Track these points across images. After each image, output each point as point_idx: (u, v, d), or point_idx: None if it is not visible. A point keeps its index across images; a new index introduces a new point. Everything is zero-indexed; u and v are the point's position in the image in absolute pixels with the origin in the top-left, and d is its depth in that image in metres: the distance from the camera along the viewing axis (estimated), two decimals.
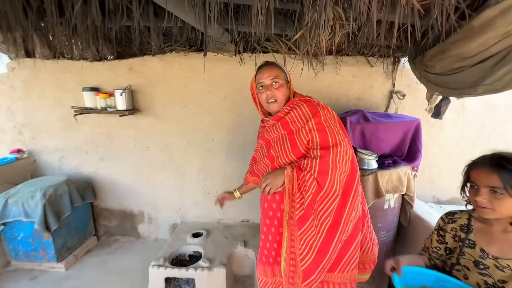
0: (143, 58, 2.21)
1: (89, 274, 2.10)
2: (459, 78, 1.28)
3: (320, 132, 1.13)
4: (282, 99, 1.23)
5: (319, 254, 1.10)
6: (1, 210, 1.94)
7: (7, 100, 2.38)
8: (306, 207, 1.10)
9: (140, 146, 2.41)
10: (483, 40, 1.06)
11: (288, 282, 1.18)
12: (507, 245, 0.81)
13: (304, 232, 1.10)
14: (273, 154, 1.25)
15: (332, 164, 1.08)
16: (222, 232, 2.33)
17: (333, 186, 1.09)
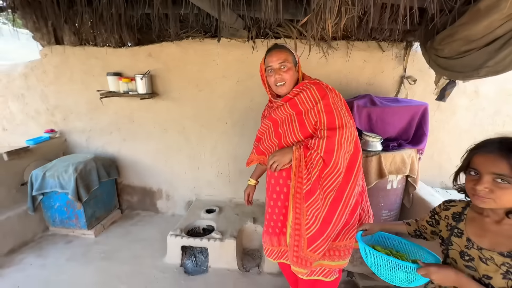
0: (161, 44, 2.34)
1: (115, 241, 2.35)
2: (466, 62, 1.30)
3: (328, 114, 1.20)
4: (290, 82, 1.28)
5: (323, 224, 1.20)
6: (40, 182, 2.21)
7: (41, 84, 2.61)
8: (313, 183, 1.19)
9: (159, 128, 2.59)
10: (489, 22, 1.08)
11: (293, 250, 1.29)
12: (499, 238, 0.74)
13: (310, 204, 1.20)
14: (281, 133, 1.31)
15: (337, 144, 1.16)
16: (233, 209, 2.49)
17: (337, 164, 1.17)
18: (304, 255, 1.26)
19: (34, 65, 2.57)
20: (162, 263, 2.06)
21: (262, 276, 1.97)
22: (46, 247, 2.24)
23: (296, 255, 1.28)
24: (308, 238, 1.22)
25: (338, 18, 1.16)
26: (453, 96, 2.13)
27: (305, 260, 1.27)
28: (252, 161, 1.53)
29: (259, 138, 1.47)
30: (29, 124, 2.77)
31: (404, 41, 2.03)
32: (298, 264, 1.29)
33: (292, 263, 1.32)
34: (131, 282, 1.88)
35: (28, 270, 1.97)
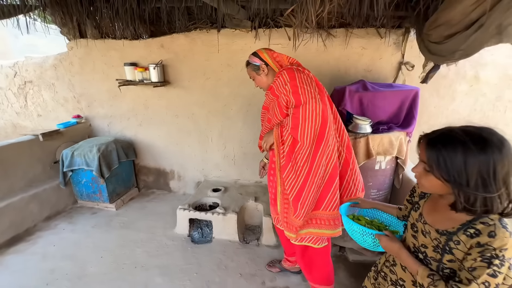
0: (171, 36, 2.53)
1: (133, 214, 2.66)
2: (449, 46, 1.36)
3: (294, 93, 1.34)
4: (262, 82, 1.54)
5: (299, 193, 1.35)
6: (69, 160, 2.53)
7: (68, 74, 2.93)
8: (286, 156, 1.37)
9: (170, 114, 2.82)
10: (462, 8, 1.14)
11: (284, 216, 1.48)
12: (441, 217, 0.80)
13: (286, 176, 1.38)
14: (270, 118, 1.53)
15: (301, 119, 1.30)
16: (238, 189, 2.70)
17: (304, 137, 1.31)
18: (291, 220, 1.44)
19: (62, 57, 2.88)
20: (172, 233, 2.33)
21: (260, 248, 2.17)
22: (76, 216, 2.60)
23: (286, 220, 1.48)
24: (292, 201, 1.39)
25: (321, 8, 1.27)
26: (452, 82, 2.16)
27: (291, 225, 1.45)
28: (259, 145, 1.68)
29: (261, 124, 1.69)
30: (58, 110, 3.12)
31: (402, 27, 2.06)
32: (287, 229, 1.48)
33: (283, 228, 1.52)
34: (145, 246, 2.16)
35: (62, 234, 2.32)
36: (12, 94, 3.18)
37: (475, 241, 0.69)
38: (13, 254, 2.07)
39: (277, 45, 2.31)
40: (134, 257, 2.04)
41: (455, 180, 0.69)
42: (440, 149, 0.70)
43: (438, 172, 0.71)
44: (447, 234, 0.75)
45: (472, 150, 0.66)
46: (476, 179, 0.67)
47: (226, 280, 1.83)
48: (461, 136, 0.68)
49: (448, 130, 0.73)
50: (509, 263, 0.67)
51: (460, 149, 0.68)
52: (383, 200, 1.91)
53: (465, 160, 0.67)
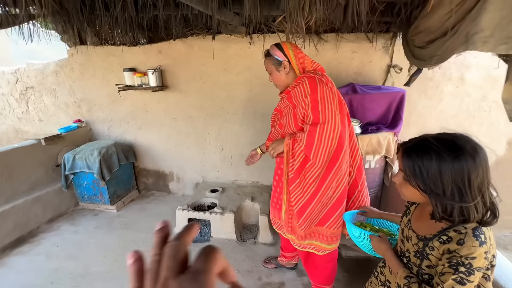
0: (169, 42, 2.62)
1: (133, 215, 2.73)
2: (429, 51, 1.45)
3: (313, 109, 1.26)
4: (279, 82, 1.42)
5: (303, 208, 1.38)
6: (71, 163, 2.61)
7: (69, 80, 3.01)
8: (295, 171, 1.36)
9: (169, 118, 2.90)
10: (439, 16, 1.24)
11: (288, 221, 1.50)
12: (423, 224, 0.81)
13: (293, 189, 1.39)
14: (282, 123, 1.46)
15: (317, 139, 1.24)
16: (235, 190, 2.78)
17: (317, 157, 1.27)
18: (294, 226, 1.49)
19: (63, 63, 2.96)
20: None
21: (256, 246, 2.25)
22: (78, 218, 2.67)
23: (290, 225, 1.51)
24: (296, 213, 1.43)
25: (309, 17, 1.35)
26: (439, 83, 2.25)
27: (295, 231, 1.49)
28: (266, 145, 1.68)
29: (272, 125, 1.63)
30: (60, 115, 3.20)
31: (390, 32, 2.15)
32: (290, 232, 1.53)
33: (286, 231, 1.55)
34: (145, 245, 2.23)
35: (64, 235, 2.39)
36: (14, 100, 3.25)
37: (446, 247, 0.70)
38: (17, 255, 2.14)
39: None
40: None
41: (431, 189, 0.69)
42: (415, 159, 0.70)
43: (415, 181, 0.71)
44: (424, 240, 0.77)
45: (446, 159, 0.66)
46: (452, 188, 0.66)
47: None
48: (435, 145, 0.68)
49: (423, 139, 0.72)
50: (480, 272, 0.67)
51: (434, 158, 0.67)
52: (374, 198, 2.00)
53: (440, 169, 0.66)
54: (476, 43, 0.96)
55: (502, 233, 2.43)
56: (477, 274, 0.66)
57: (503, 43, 0.92)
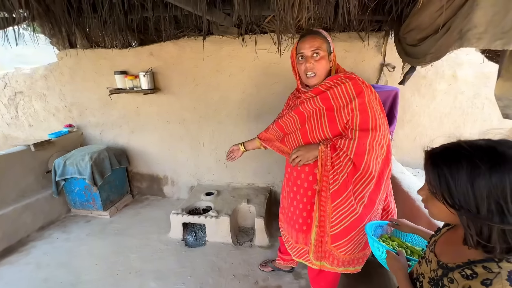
0: (160, 44, 2.58)
1: (127, 220, 2.68)
2: (422, 49, 1.44)
3: (362, 113, 1.12)
4: (322, 72, 1.19)
5: (350, 227, 1.19)
6: (62, 169, 2.55)
7: (59, 84, 2.95)
8: (341, 184, 1.15)
9: (162, 120, 2.86)
10: (429, 13, 1.22)
11: (317, 244, 1.29)
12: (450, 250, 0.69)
13: (337, 205, 1.17)
14: (307, 128, 1.25)
15: (369, 147, 1.10)
16: (231, 192, 2.74)
17: (368, 168, 1.12)
18: (327, 249, 1.28)
19: (52, 67, 2.90)
20: (166, 238, 2.35)
21: (253, 249, 2.22)
22: (69, 225, 2.60)
23: (320, 249, 1.29)
24: (332, 235, 1.23)
25: (299, 16, 1.33)
26: (432, 81, 2.25)
27: (329, 254, 1.28)
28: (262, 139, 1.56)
29: (280, 126, 1.40)
30: (50, 120, 3.13)
31: (382, 30, 2.14)
32: (319, 258, 1.30)
33: (314, 257, 1.32)
34: (139, 252, 2.18)
35: (55, 243, 2.33)
36: (3, 105, 3.18)
37: (467, 284, 0.57)
38: (6, 265, 2.07)
39: (264, 50, 2.38)
40: (128, 263, 2.06)
41: (461, 205, 0.56)
42: (442, 167, 0.58)
43: (441, 195, 0.59)
44: (444, 268, 0.64)
45: (481, 168, 0.53)
46: (489, 205, 0.53)
47: (220, 282, 1.86)
48: (467, 151, 0.56)
49: (456, 144, 0.60)
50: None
51: (465, 166, 0.55)
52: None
53: (472, 180, 0.54)
54: (470, 39, 0.95)
55: None
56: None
57: (498, 39, 0.91)
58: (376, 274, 1.87)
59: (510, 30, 0.86)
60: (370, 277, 1.85)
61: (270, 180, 2.83)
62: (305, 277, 1.87)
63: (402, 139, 2.46)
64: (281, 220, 1.63)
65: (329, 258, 1.29)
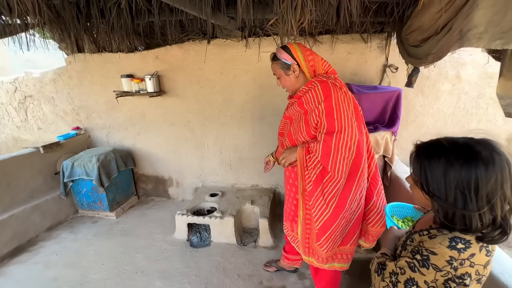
0: (166, 48, 2.63)
1: (133, 221, 2.72)
2: (424, 50, 1.45)
3: (328, 116, 1.18)
4: (289, 84, 1.34)
5: (325, 226, 1.26)
6: (69, 170, 2.60)
7: (67, 87, 3.02)
8: (313, 182, 1.25)
9: (167, 123, 2.90)
10: (430, 14, 1.24)
11: (305, 241, 1.39)
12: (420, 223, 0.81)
13: (312, 204, 1.27)
14: (292, 131, 1.37)
15: (334, 149, 1.15)
16: (235, 193, 2.76)
17: (335, 169, 1.17)
18: (314, 247, 1.36)
19: (61, 71, 2.98)
20: (171, 238, 2.38)
21: (257, 249, 2.23)
22: (77, 225, 2.65)
23: (307, 246, 1.40)
24: (316, 233, 1.31)
25: (302, 19, 1.36)
26: (435, 82, 2.25)
27: (313, 251, 1.38)
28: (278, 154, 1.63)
29: (280, 133, 1.53)
30: (58, 123, 3.21)
31: (384, 32, 2.16)
32: (308, 254, 1.41)
33: (303, 253, 1.43)
34: (145, 252, 2.21)
35: (63, 243, 2.38)
36: (13, 109, 3.27)
37: (420, 239, 0.71)
38: (16, 264, 2.12)
39: (267, 52, 2.40)
40: (134, 263, 2.09)
41: (434, 193, 0.67)
42: (423, 159, 0.68)
43: (419, 184, 0.70)
44: (409, 233, 0.79)
45: (453, 163, 0.63)
46: (456, 195, 0.63)
47: (224, 281, 1.88)
48: (446, 148, 0.65)
49: (436, 140, 0.70)
50: (437, 273, 0.64)
51: (442, 161, 0.64)
52: None
53: (445, 172, 0.64)
54: (471, 39, 0.96)
55: None
56: (431, 271, 0.64)
57: (497, 38, 0.92)
58: None
59: (510, 29, 0.87)
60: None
61: (274, 181, 2.85)
62: (309, 277, 1.88)
63: (407, 140, 2.45)
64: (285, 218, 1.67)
65: (315, 255, 1.39)
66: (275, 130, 1.92)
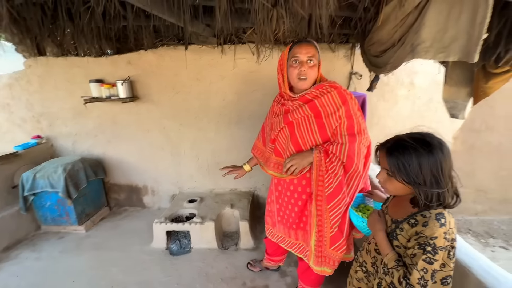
0: (139, 53, 2.57)
1: (105, 234, 2.56)
2: (383, 60, 1.65)
3: (349, 119, 1.25)
4: (312, 78, 1.28)
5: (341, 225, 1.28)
6: (31, 183, 2.38)
7: (25, 93, 2.78)
8: (335, 186, 1.23)
9: (141, 129, 2.81)
10: (387, 30, 1.42)
11: (318, 250, 1.35)
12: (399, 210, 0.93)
13: (333, 206, 1.25)
14: (297, 135, 1.32)
15: (357, 149, 1.23)
16: (214, 198, 2.76)
17: (358, 167, 1.24)
18: (327, 253, 1.35)
19: (18, 75, 2.73)
20: (149, 248, 2.30)
21: (238, 252, 2.25)
22: (39, 243, 2.42)
23: (320, 255, 1.35)
24: (331, 237, 1.30)
25: (277, 29, 1.46)
26: (394, 88, 2.52)
27: (329, 259, 1.35)
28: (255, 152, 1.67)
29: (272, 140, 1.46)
30: (15, 131, 2.92)
31: (350, 42, 2.38)
32: (320, 264, 1.37)
33: (315, 264, 1.38)
34: (122, 264, 2.11)
35: (25, 263, 2.16)
36: None
37: (414, 230, 0.81)
38: None
39: (243, 59, 2.49)
40: (109, 276, 1.98)
41: (414, 181, 0.78)
42: (398, 156, 0.80)
43: (400, 176, 0.81)
44: (396, 223, 0.89)
45: (422, 154, 0.77)
46: (430, 178, 0.77)
47: (208, 287, 1.87)
48: (411, 143, 0.79)
49: (399, 139, 0.84)
50: (443, 252, 0.77)
51: (413, 154, 0.77)
52: None
53: (420, 163, 0.77)
54: (419, 52, 1.13)
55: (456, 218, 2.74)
56: (441, 253, 0.76)
57: (440, 52, 1.10)
58: None
59: (449, 45, 1.05)
60: None
61: (252, 184, 2.90)
62: (290, 275, 1.96)
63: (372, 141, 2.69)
64: (268, 223, 1.69)
65: (329, 262, 1.36)
66: (252, 133, 1.99)
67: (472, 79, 1.33)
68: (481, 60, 1.25)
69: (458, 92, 1.36)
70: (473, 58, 0.96)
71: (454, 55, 1.04)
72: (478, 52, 0.94)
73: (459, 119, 1.44)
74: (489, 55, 1.15)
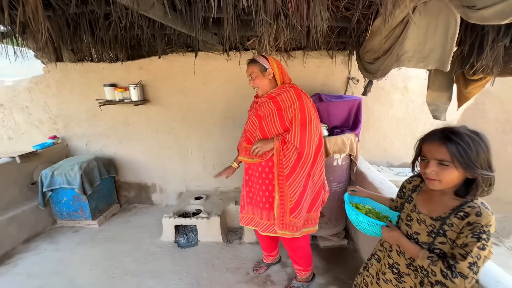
0: (150, 59, 2.76)
1: (117, 228, 2.73)
2: (375, 66, 1.81)
3: (301, 111, 1.52)
4: (262, 85, 1.60)
5: (299, 199, 1.57)
6: (49, 180, 2.56)
7: (44, 96, 2.98)
8: (291, 167, 1.53)
9: (150, 130, 2.99)
10: (378, 40, 1.59)
11: (280, 219, 1.62)
12: (436, 206, 0.90)
13: (290, 183, 1.55)
14: (264, 125, 1.62)
15: (308, 137, 1.51)
16: (219, 196, 2.92)
17: (308, 153, 1.52)
18: (288, 221, 1.62)
19: (37, 80, 2.94)
20: (158, 241, 2.46)
21: (242, 246, 2.40)
22: (56, 236, 2.60)
23: (282, 221, 1.64)
24: (291, 208, 1.58)
25: (278, 39, 1.63)
26: (389, 92, 2.67)
27: (289, 225, 1.62)
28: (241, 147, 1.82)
29: (246, 129, 1.74)
30: (32, 132, 3.12)
31: (347, 49, 2.55)
32: (282, 228, 1.63)
33: (278, 228, 1.64)
34: (133, 255, 2.27)
35: (44, 253, 2.33)
36: None
37: (466, 221, 0.80)
38: None
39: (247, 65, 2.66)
40: (123, 266, 2.14)
41: (475, 166, 0.78)
42: (459, 142, 0.79)
43: (462, 162, 0.79)
44: (441, 220, 0.86)
45: (476, 140, 0.79)
46: (485, 163, 0.79)
47: (214, 275, 2.02)
48: (466, 132, 0.81)
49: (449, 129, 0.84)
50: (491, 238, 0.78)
51: (470, 140, 0.79)
52: (343, 191, 2.29)
53: (476, 149, 0.78)
54: (403, 61, 1.29)
55: None
56: (491, 239, 0.78)
57: (420, 62, 1.26)
58: (351, 257, 2.16)
59: (428, 55, 1.21)
60: (345, 260, 2.13)
61: None
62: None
63: (369, 142, 2.84)
64: (243, 207, 1.85)
65: (289, 227, 1.63)
66: None
67: (451, 85, 1.49)
68: (459, 68, 1.42)
69: (440, 97, 1.51)
70: (447, 67, 1.12)
71: (432, 64, 1.20)
72: (449, 62, 1.09)
73: (441, 120, 1.59)
74: (465, 64, 1.30)
